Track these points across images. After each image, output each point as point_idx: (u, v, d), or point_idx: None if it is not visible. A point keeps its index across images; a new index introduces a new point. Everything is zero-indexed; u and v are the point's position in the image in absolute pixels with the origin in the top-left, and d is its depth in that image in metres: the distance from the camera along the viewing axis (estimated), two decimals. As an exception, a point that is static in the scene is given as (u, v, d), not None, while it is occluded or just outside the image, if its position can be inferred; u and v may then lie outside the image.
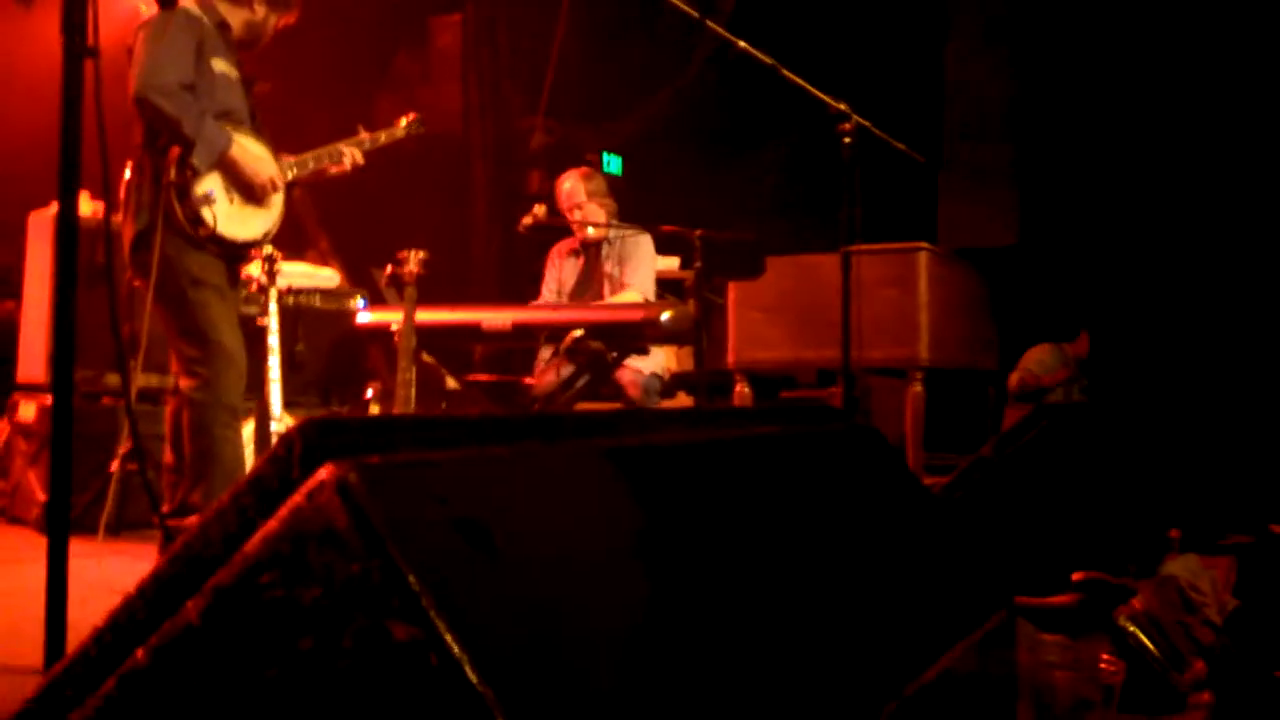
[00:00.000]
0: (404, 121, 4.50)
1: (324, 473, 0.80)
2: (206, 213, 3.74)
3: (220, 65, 3.83)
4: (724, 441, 1.45)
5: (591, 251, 5.54)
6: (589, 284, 5.52)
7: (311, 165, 4.12)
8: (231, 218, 3.82)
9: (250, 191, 3.85)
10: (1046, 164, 7.42)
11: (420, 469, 0.87)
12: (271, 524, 0.81)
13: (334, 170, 4.20)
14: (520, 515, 0.94)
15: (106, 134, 2.06)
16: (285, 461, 0.84)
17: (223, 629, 0.83)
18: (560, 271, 5.62)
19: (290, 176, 4.01)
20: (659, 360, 5.26)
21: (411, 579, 0.77)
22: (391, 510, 0.80)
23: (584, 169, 5.66)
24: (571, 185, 5.50)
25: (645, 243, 5.44)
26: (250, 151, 3.84)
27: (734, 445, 1.46)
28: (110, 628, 0.90)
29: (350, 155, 4.19)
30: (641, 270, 5.40)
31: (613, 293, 5.39)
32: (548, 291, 5.63)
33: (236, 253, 3.92)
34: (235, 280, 3.98)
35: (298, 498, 0.80)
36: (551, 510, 0.99)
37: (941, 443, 5.51)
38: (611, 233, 5.45)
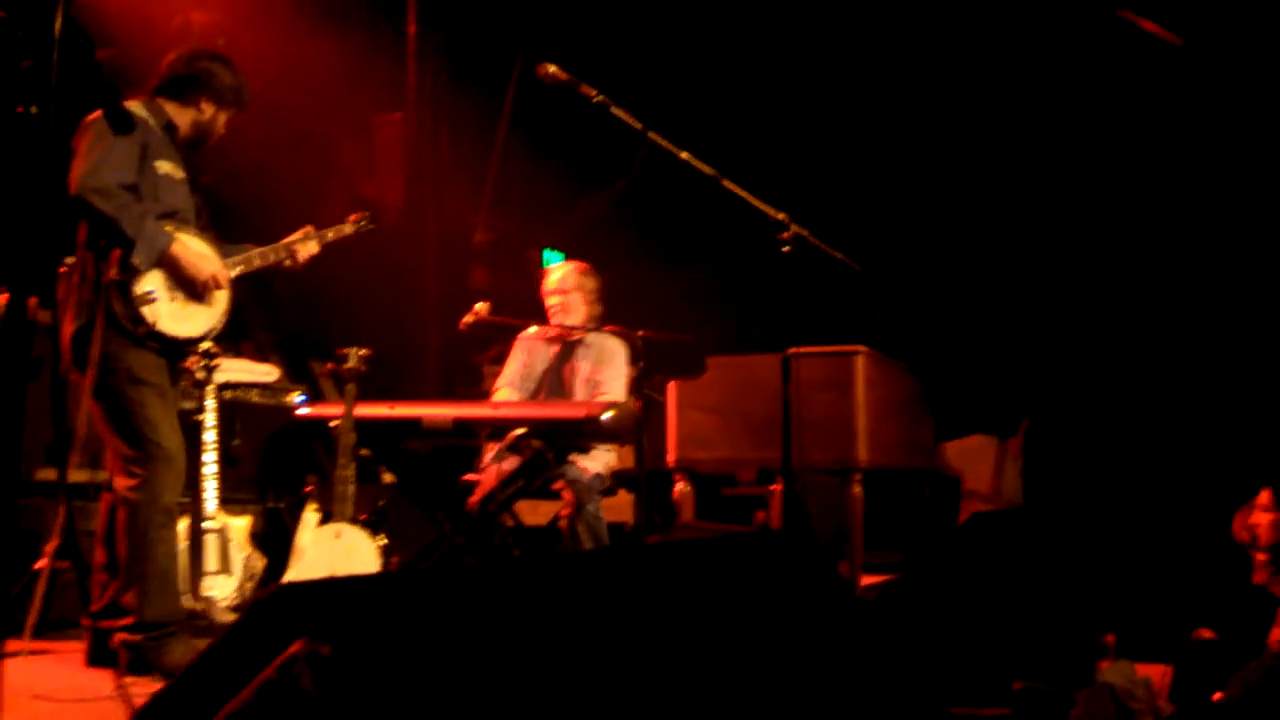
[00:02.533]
0: (353, 219, 4.46)
1: (296, 647, 0.81)
2: (147, 311, 3.73)
3: (165, 167, 3.84)
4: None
5: (568, 345, 5.45)
6: (559, 375, 5.46)
7: (258, 262, 4.11)
8: (173, 315, 3.81)
9: (192, 289, 3.84)
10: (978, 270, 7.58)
11: (387, 637, 0.88)
12: (244, 695, 0.81)
13: (286, 265, 4.19)
14: (484, 674, 0.95)
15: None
16: (255, 633, 0.85)
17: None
18: (531, 355, 5.50)
19: (236, 274, 4.00)
20: (606, 459, 5.24)
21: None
22: (362, 682, 0.80)
23: (585, 264, 5.54)
24: (564, 272, 5.43)
25: (621, 350, 5.39)
26: (192, 249, 3.84)
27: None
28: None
29: (303, 250, 4.18)
30: (619, 379, 5.35)
31: (583, 390, 5.34)
32: (509, 373, 5.50)
33: (178, 350, 3.91)
34: (177, 378, 3.95)
35: (269, 671, 0.81)
36: (515, 665, 1.00)
37: (881, 541, 5.53)
38: (590, 334, 5.41)
